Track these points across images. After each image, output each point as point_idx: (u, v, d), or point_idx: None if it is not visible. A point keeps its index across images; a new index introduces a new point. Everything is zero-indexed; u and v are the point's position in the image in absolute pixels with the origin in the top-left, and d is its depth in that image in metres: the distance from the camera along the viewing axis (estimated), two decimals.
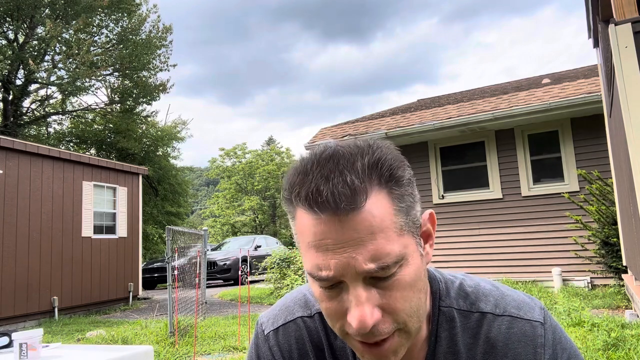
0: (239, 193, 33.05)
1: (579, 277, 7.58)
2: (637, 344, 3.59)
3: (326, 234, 0.61)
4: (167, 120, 33.32)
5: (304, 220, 0.64)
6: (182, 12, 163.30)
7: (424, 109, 10.07)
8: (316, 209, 0.61)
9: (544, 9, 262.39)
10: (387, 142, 0.70)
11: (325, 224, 0.61)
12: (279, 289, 9.62)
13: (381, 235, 0.61)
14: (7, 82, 18.48)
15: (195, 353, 5.02)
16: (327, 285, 0.64)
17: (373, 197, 0.62)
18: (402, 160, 0.68)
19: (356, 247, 0.61)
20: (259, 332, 0.85)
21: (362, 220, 0.60)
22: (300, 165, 0.66)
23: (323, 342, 0.80)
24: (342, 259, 0.61)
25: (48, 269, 8.87)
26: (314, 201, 0.61)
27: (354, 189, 0.60)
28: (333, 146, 0.66)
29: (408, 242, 0.65)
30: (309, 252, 0.64)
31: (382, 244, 0.61)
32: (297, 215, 0.65)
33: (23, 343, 2.05)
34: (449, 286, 0.77)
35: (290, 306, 0.84)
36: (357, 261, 0.61)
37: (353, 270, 0.61)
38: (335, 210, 0.60)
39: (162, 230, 21.29)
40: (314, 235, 0.63)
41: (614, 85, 3.77)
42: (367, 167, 0.63)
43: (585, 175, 6.85)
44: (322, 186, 0.61)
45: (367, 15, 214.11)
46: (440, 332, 0.74)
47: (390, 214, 0.63)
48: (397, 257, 0.62)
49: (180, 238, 6.75)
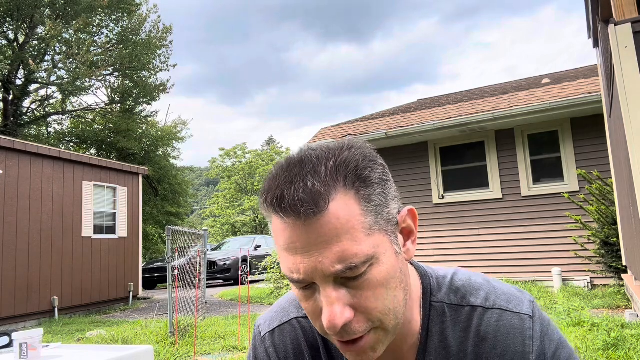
0: (239, 193, 33.07)
1: (579, 277, 7.58)
2: (637, 344, 3.59)
3: (293, 238, 0.63)
4: (167, 120, 33.32)
5: (275, 224, 0.66)
6: (182, 12, 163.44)
7: (424, 109, 10.07)
8: (281, 215, 0.63)
9: (545, 9, 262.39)
10: (361, 141, 0.70)
11: (291, 228, 0.63)
12: (279, 289, 9.62)
13: (347, 237, 0.62)
14: (7, 82, 18.49)
15: (195, 353, 5.02)
16: (301, 287, 0.67)
17: (338, 199, 0.63)
18: (372, 160, 0.68)
19: (322, 250, 0.62)
20: (256, 334, 0.87)
21: (325, 224, 0.62)
22: (272, 170, 0.68)
23: (318, 341, 0.81)
24: (310, 262, 0.63)
25: (48, 269, 8.87)
26: (278, 207, 0.63)
27: (314, 193, 0.62)
28: (304, 150, 0.68)
29: (379, 242, 0.65)
30: (282, 254, 0.67)
31: (348, 246, 0.62)
32: (272, 219, 0.67)
33: (23, 343, 2.05)
34: (440, 282, 0.79)
35: (286, 307, 0.86)
36: (324, 264, 0.62)
37: (321, 273, 0.63)
38: (298, 215, 0.62)
39: (162, 230, 21.30)
40: (284, 239, 0.65)
41: (613, 85, 3.78)
42: (331, 170, 0.64)
43: (585, 175, 6.85)
44: (285, 192, 0.63)
45: (367, 15, 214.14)
46: (431, 327, 0.75)
47: (357, 214, 0.63)
48: (365, 257, 0.63)
49: (180, 238, 6.75)
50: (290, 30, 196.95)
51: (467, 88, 14.08)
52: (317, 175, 0.63)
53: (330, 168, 0.64)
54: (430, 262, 8.65)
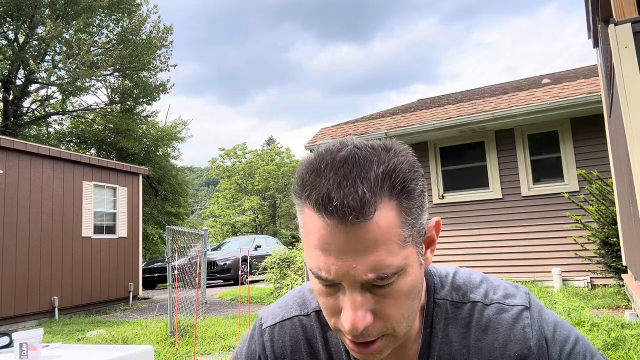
0: (239, 193, 33.05)
1: (579, 277, 7.58)
2: (636, 344, 3.59)
3: (331, 239, 0.63)
4: (167, 120, 33.31)
5: (312, 219, 0.65)
6: (182, 12, 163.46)
7: (424, 109, 10.07)
8: (324, 214, 0.62)
9: (545, 8, 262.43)
10: (405, 147, 0.69)
11: (331, 229, 0.62)
12: (279, 288, 9.62)
13: (384, 247, 0.62)
14: (7, 82, 18.49)
15: (195, 353, 5.02)
16: (326, 284, 0.67)
17: (382, 208, 0.62)
18: (417, 170, 0.68)
19: (358, 256, 0.62)
20: (257, 325, 0.89)
21: (367, 232, 0.61)
22: (314, 162, 0.66)
23: (318, 340, 0.83)
24: (343, 265, 0.63)
25: (48, 269, 8.87)
26: (323, 207, 0.62)
27: (364, 201, 0.61)
28: (350, 147, 0.66)
29: (409, 253, 0.66)
30: (312, 251, 0.66)
31: (383, 256, 0.62)
32: (305, 211, 0.66)
33: (23, 343, 2.05)
34: (443, 280, 0.81)
35: (290, 304, 0.88)
36: (357, 270, 0.63)
37: (352, 278, 0.63)
38: (343, 219, 0.61)
39: (162, 230, 21.30)
40: (319, 238, 0.64)
41: (613, 86, 3.77)
42: (380, 177, 0.63)
43: (585, 175, 6.85)
44: (333, 193, 0.61)
45: (367, 15, 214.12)
46: (435, 324, 0.77)
47: (396, 226, 0.63)
48: (396, 269, 0.64)
49: (180, 238, 6.75)
50: (290, 30, 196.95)
51: (467, 88, 14.08)
52: (366, 182, 0.62)
53: (380, 175, 0.63)
54: (440, 266, 8.66)
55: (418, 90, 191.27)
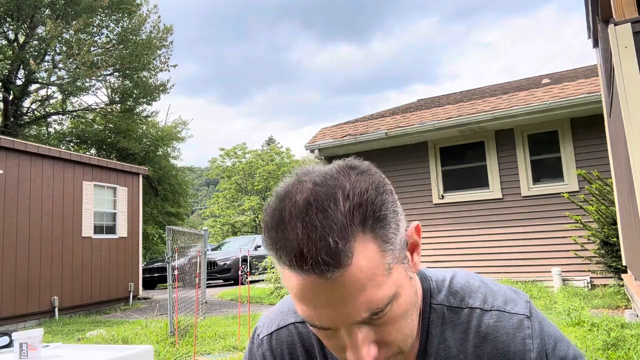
0: (239, 193, 33.05)
1: (579, 277, 7.58)
2: (636, 344, 3.59)
3: (314, 294, 0.60)
4: (167, 120, 33.32)
5: (289, 277, 0.62)
6: (182, 12, 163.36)
7: (424, 109, 10.07)
8: (301, 273, 0.59)
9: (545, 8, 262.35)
10: (366, 165, 0.67)
11: (312, 285, 0.60)
12: (279, 288, 9.62)
13: (370, 284, 0.60)
14: (7, 82, 18.49)
15: (195, 353, 5.02)
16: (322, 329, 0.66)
17: (358, 247, 0.59)
18: (384, 191, 0.64)
19: (346, 302, 0.60)
20: (254, 337, 0.89)
21: (349, 278, 0.59)
22: (277, 212, 0.62)
23: (315, 347, 0.82)
24: (334, 313, 0.61)
25: (48, 269, 8.87)
26: (298, 267, 0.59)
27: (339, 252, 0.57)
28: (309, 185, 0.62)
29: (397, 276, 0.64)
30: (297, 303, 0.64)
31: (372, 293, 0.60)
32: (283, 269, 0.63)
33: (23, 343, 2.05)
34: (439, 285, 0.80)
35: (284, 311, 0.87)
36: (350, 315, 0.61)
37: (347, 322, 0.62)
38: (321, 275, 0.58)
39: (162, 230, 21.30)
40: (301, 295, 0.62)
41: (613, 86, 3.78)
42: (349, 217, 0.59)
43: (585, 175, 6.85)
44: (304, 249, 0.58)
45: (367, 15, 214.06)
46: (431, 330, 0.76)
47: (378, 257, 0.61)
48: (389, 299, 0.62)
49: (181, 238, 6.75)
50: (290, 30, 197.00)
51: (467, 88, 14.08)
52: (335, 227, 0.58)
53: (346, 213, 0.59)
54: (430, 262, 8.68)
55: (418, 90, 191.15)
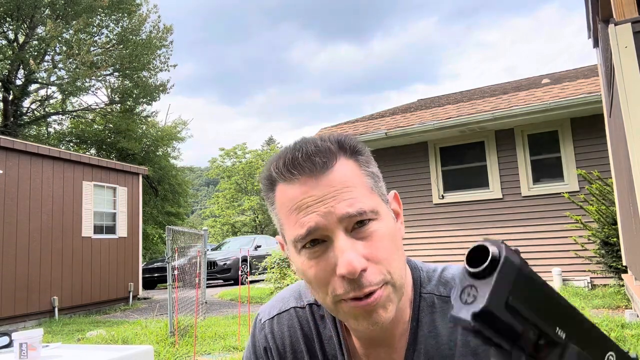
0: (239, 193, 33.06)
1: (579, 277, 7.58)
2: (637, 344, 3.59)
3: (306, 193, 0.69)
4: (167, 120, 33.34)
5: (284, 191, 0.71)
6: (182, 12, 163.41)
7: (424, 109, 10.07)
8: (294, 172, 0.69)
9: (545, 8, 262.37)
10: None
11: (304, 184, 0.69)
12: (279, 289, 9.62)
13: (354, 189, 0.69)
14: (7, 82, 18.49)
15: (195, 353, 5.02)
16: (311, 243, 0.69)
17: (342, 160, 0.71)
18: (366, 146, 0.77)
19: (334, 198, 0.68)
20: (256, 322, 0.92)
21: (336, 177, 0.69)
22: (273, 156, 0.76)
23: (312, 332, 0.85)
24: (323, 209, 0.67)
25: (48, 269, 8.87)
26: (292, 166, 0.69)
27: (325, 150, 0.70)
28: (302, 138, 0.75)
29: (379, 203, 0.72)
30: (290, 217, 0.70)
31: (356, 194, 0.69)
32: (277, 192, 0.73)
33: (23, 343, 2.05)
34: (430, 275, 0.82)
35: (286, 297, 0.90)
36: (337, 208, 0.67)
37: (334, 217, 0.67)
38: (312, 169, 0.69)
39: (162, 230, 21.29)
40: (295, 200, 0.69)
41: (613, 85, 3.77)
42: (333, 142, 0.73)
43: (585, 175, 6.85)
44: (296, 153, 0.70)
45: (367, 14, 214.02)
46: (421, 317, 0.78)
47: (360, 175, 0.72)
48: (371, 208, 0.69)
49: (180, 238, 6.75)
50: (289, 29, 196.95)
51: (467, 88, 14.09)
52: (322, 142, 0.72)
53: (332, 142, 0.73)
54: (430, 263, 8.66)
55: (418, 90, 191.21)
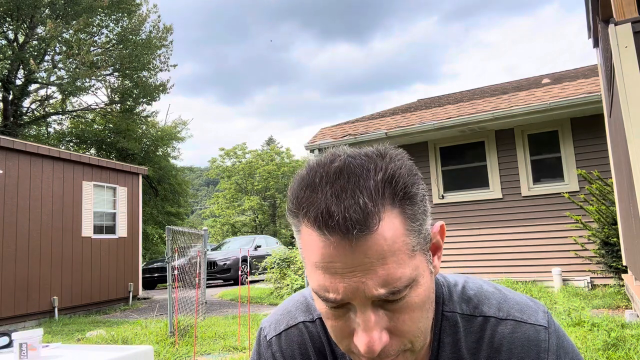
0: (239, 193, 33.07)
1: (579, 277, 7.58)
2: (637, 344, 3.59)
3: (335, 258, 0.59)
4: (167, 120, 33.35)
5: (312, 239, 0.61)
6: (182, 12, 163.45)
7: (424, 108, 10.07)
8: (326, 232, 0.58)
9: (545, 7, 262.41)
10: (399, 151, 0.66)
11: (334, 247, 0.59)
12: (279, 289, 9.62)
13: (392, 259, 0.59)
14: (7, 82, 18.48)
15: (195, 353, 5.02)
16: (334, 306, 0.63)
17: (386, 218, 0.59)
18: (416, 174, 0.64)
19: (366, 272, 0.58)
20: (261, 338, 0.84)
21: (373, 245, 0.58)
22: (307, 178, 0.62)
23: (325, 348, 0.79)
24: (352, 283, 0.59)
25: (48, 269, 8.86)
26: (324, 224, 0.58)
27: (366, 213, 0.57)
28: (343, 157, 0.63)
29: (419, 263, 0.63)
30: (315, 272, 0.62)
31: (393, 269, 0.59)
32: (303, 231, 0.63)
33: (23, 343, 2.05)
34: (451, 290, 0.77)
35: (292, 311, 0.83)
36: (367, 286, 0.59)
37: (362, 295, 0.59)
38: (346, 234, 0.57)
39: (162, 230, 21.28)
40: (322, 257, 0.60)
41: (614, 85, 3.77)
42: (380, 185, 0.59)
43: (585, 175, 6.85)
44: (333, 207, 0.57)
45: (367, 14, 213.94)
46: (443, 338, 0.73)
47: (403, 235, 0.60)
48: (408, 281, 0.60)
49: (180, 238, 6.75)
50: (289, 29, 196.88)
51: (467, 88, 14.09)
52: (365, 191, 0.58)
53: (379, 182, 0.59)
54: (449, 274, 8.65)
55: (418, 90, 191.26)
